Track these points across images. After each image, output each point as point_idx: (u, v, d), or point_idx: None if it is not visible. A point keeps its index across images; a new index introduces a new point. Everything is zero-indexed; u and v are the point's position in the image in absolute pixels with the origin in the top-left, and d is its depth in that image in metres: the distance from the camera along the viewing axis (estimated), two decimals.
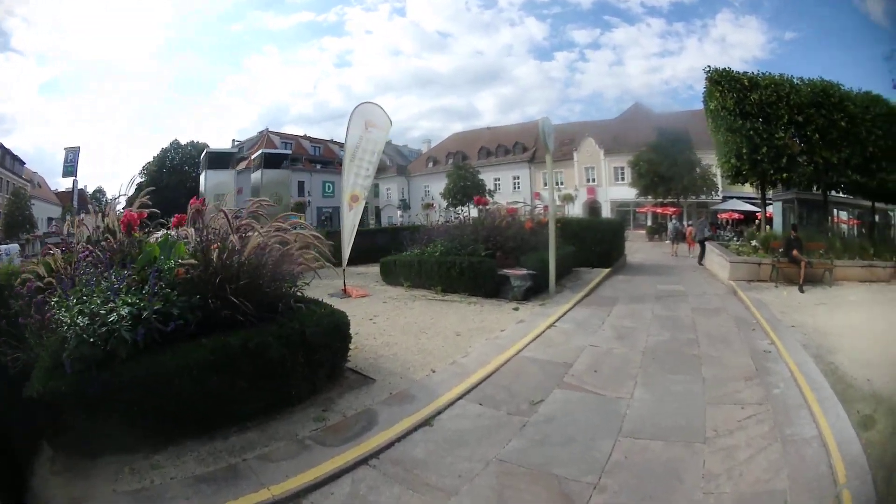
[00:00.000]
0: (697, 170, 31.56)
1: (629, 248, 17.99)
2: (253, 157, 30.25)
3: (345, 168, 10.54)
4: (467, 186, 39.83)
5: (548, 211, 11.16)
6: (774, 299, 9.30)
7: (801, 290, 10.18)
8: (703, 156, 29.39)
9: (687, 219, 31.63)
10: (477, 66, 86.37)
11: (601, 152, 40.23)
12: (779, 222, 18.19)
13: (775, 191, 18.00)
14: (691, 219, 30.51)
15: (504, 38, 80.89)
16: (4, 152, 35.91)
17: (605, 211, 38.77)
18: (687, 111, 33.32)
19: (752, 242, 13.99)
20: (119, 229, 4.90)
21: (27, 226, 32.99)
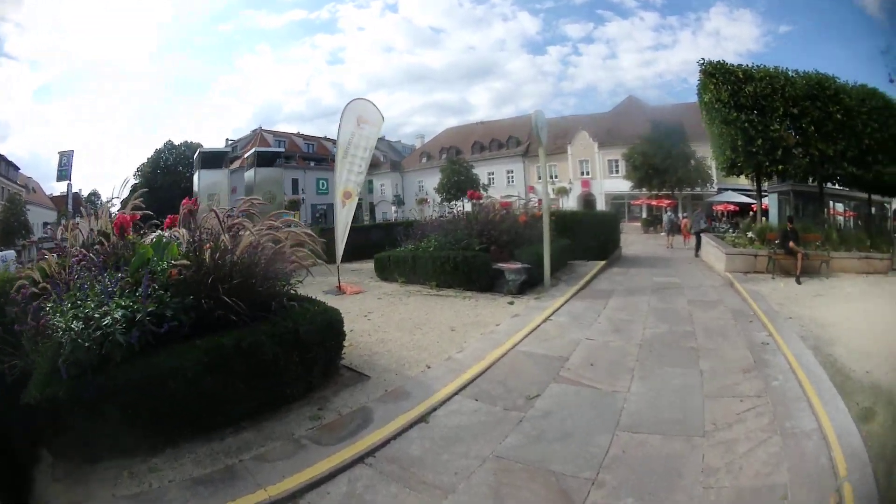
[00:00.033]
0: (692, 162, 31.52)
1: (624, 241, 18.03)
2: (246, 155, 30.04)
3: (337, 165, 10.50)
4: (461, 181, 39.64)
5: (542, 204, 11.13)
6: (771, 291, 9.31)
7: (798, 282, 10.21)
8: (698, 148, 29.34)
9: (682, 211, 31.64)
10: (470, 61, 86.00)
11: (595, 145, 40.13)
12: (774, 214, 18.19)
13: (771, 183, 17.99)
14: (686, 211, 30.51)
15: (497, 32, 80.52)
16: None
17: (599, 203, 38.77)
18: (681, 104, 33.25)
19: (748, 234, 13.99)
20: (112, 232, 4.85)
21: (23, 231, 32.75)
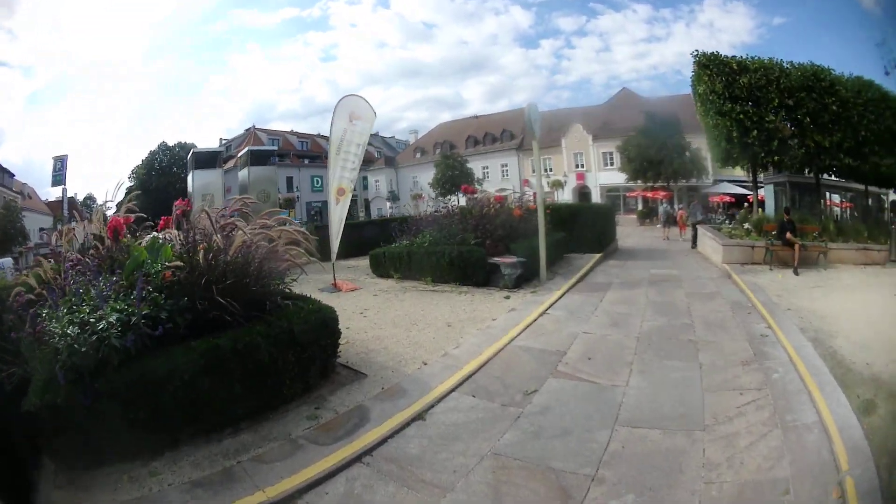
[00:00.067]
0: (687, 153, 31.50)
1: (620, 233, 18.04)
2: (239, 154, 29.87)
3: (330, 162, 10.46)
4: (455, 175, 39.51)
5: (536, 197, 11.09)
6: (769, 282, 9.30)
7: (796, 273, 10.20)
8: (693, 139, 29.31)
9: (678, 202, 31.64)
10: (463, 56, 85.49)
11: (589, 138, 39.96)
12: (771, 205, 18.13)
13: (766, 174, 17.97)
14: (682, 202, 30.52)
15: (489, 27, 79.96)
16: None
17: (595, 196, 38.68)
18: (676, 96, 33.28)
19: (744, 225, 14.00)
20: (106, 236, 4.79)
21: (20, 238, 32.56)
